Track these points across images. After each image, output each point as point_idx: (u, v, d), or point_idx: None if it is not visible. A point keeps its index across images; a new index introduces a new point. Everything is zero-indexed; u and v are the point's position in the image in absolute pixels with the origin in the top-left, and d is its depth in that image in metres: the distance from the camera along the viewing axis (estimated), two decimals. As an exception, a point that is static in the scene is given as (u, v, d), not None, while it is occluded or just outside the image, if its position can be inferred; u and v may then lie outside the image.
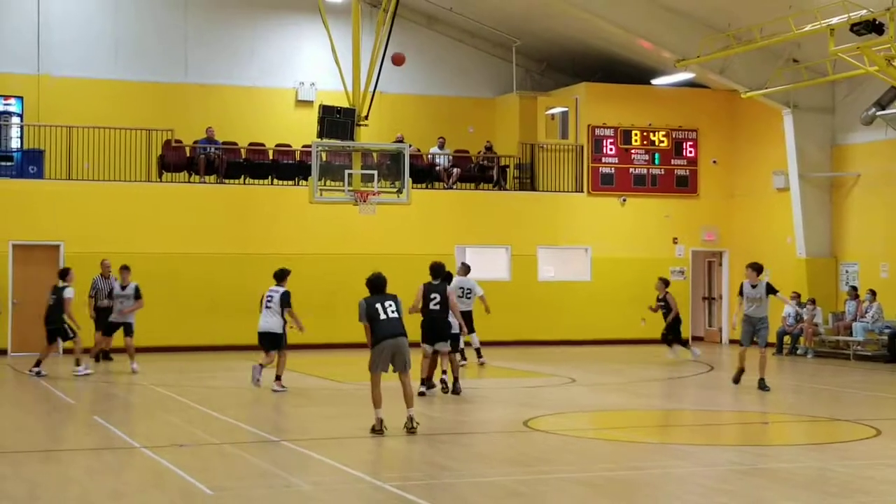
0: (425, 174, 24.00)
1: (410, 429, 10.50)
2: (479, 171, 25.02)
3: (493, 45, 26.92)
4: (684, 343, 20.90)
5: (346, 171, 19.22)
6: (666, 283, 20.04)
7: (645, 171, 25.28)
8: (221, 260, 20.79)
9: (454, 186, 24.34)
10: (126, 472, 8.50)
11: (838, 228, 23.91)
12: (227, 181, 22.87)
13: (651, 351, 21.83)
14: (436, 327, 13.37)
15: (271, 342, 14.63)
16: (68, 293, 16.54)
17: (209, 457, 9.36)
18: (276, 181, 23.19)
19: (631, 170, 25.17)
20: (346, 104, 19.38)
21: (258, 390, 14.16)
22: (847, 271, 23.21)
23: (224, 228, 22.26)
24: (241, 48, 24.88)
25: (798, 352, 21.42)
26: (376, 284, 11.06)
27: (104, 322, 18.29)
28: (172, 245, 21.61)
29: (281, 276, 14.29)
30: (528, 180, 25.87)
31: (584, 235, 25.00)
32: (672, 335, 20.28)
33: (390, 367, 10.72)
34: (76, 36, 23.77)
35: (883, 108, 21.08)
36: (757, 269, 15.48)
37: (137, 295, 16.65)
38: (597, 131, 25.04)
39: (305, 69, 24.68)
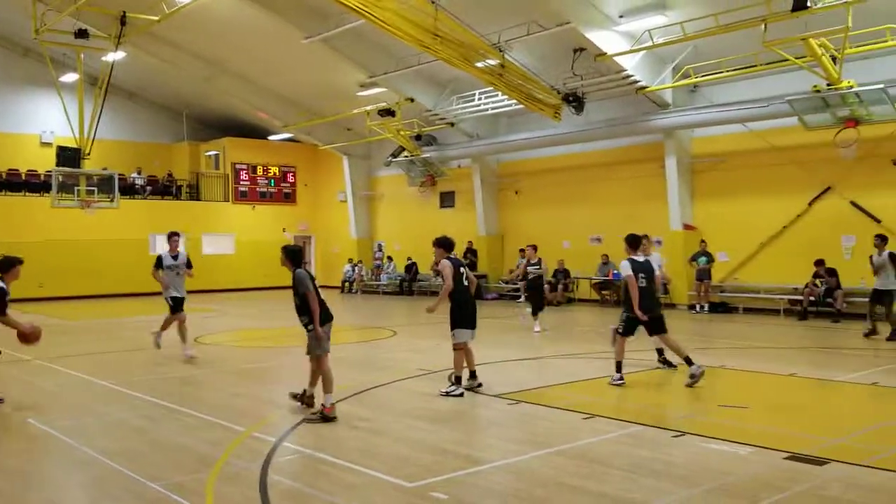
0: (129, 189, 27.80)
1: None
2: (164, 189, 29.52)
3: (171, 111, 31.19)
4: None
5: (76, 188, 21.91)
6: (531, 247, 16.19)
7: (266, 189, 30.88)
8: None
9: (148, 198, 28.60)
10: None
11: (374, 221, 29.49)
12: (-5, 194, 25.39)
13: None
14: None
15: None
16: None
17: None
18: (27, 193, 26.35)
19: (258, 189, 30.73)
20: (75, 145, 21.81)
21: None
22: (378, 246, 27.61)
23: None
24: (2, 107, 28.03)
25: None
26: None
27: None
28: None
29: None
30: (196, 193, 30.28)
31: (231, 227, 29.88)
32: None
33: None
34: None
35: (394, 157, 25.87)
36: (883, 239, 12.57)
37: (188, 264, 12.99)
38: (237, 166, 30.18)
39: (47, 122, 27.97)
